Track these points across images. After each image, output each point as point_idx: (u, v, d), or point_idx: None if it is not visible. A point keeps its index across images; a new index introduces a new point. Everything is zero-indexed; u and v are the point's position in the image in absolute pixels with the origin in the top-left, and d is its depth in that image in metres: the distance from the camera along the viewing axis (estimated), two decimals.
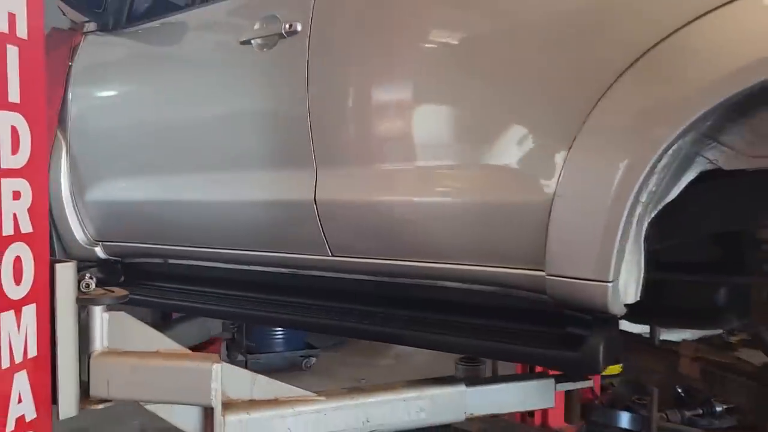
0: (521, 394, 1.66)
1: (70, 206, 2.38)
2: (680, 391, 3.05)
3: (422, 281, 1.65)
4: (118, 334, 1.31)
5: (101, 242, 2.39)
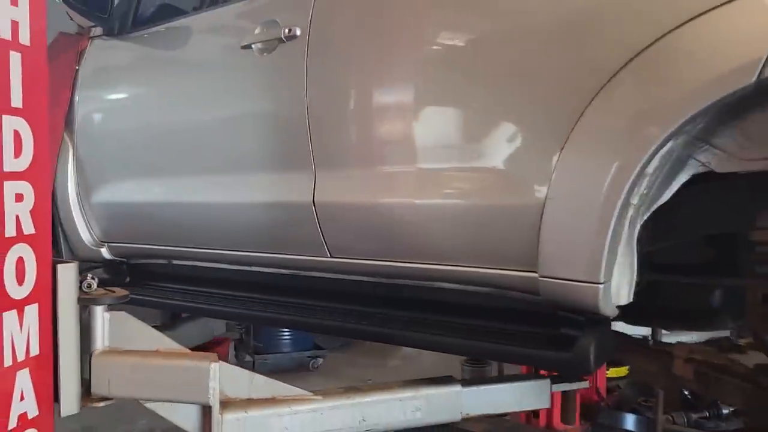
0: (517, 394, 1.66)
1: (76, 208, 2.41)
2: (687, 393, 3.02)
3: (419, 282, 1.67)
4: (119, 333, 1.33)
5: (107, 243, 2.42)
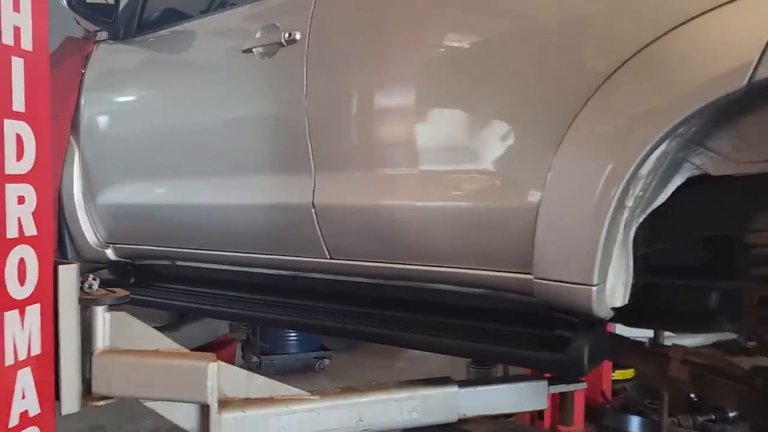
0: (514, 395, 1.67)
1: (82, 209, 2.44)
2: (692, 396, 3.00)
3: (417, 284, 1.67)
4: (119, 333, 1.35)
5: (112, 244, 2.45)
